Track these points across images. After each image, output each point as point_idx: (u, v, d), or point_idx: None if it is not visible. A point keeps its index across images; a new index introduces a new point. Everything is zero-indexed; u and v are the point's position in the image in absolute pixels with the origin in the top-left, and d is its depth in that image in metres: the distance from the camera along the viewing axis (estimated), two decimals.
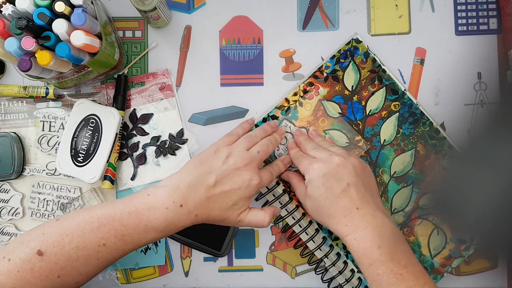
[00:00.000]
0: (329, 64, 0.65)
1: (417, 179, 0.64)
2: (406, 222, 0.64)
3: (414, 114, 0.65)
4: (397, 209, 0.64)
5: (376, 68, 0.65)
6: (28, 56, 0.52)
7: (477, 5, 0.67)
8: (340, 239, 0.55)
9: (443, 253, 0.64)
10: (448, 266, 0.64)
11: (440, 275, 0.64)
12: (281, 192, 0.64)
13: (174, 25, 0.67)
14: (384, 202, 0.64)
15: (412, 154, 0.65)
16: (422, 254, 0.64)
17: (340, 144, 0.65)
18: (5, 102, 0.66)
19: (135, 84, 0.67)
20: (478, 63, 0.67)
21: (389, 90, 0.65)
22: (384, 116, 0.65)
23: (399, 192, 0.64)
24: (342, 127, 0.65)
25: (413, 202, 0.64)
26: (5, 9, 0.52)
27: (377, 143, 0.65)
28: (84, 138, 0.64)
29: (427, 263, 0.64)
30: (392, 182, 0.64)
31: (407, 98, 0.65)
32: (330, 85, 0.65)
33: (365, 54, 0.65)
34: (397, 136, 0.65)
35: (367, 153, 0.65)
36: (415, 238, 0.64)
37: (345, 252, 0.63)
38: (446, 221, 0.65)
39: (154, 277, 0.67)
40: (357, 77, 0.65)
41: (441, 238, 0.64)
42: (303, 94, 0.65)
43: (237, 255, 0.67)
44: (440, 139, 0.64)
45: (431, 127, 0.65)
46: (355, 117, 0.65)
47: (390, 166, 0.64)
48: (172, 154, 0.66)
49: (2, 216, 0.65)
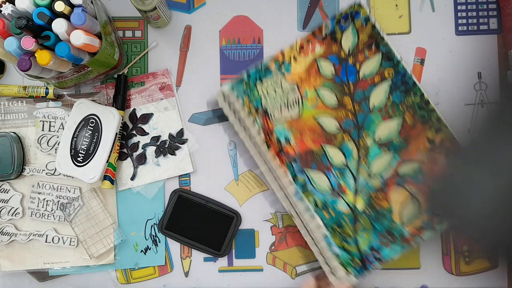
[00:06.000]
0: (329, 24, 0.65)
1: (400, 147, 0.64)
2: (382, 187, 0.64)
3: (407, 83, 0.65)
4: (375, 174, 0.64)
5: (375, 34, 0.65)
6: (28, 56, 0.52)
7: (477, 5, 0.67)
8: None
9: (415, 223, 0.63)
10: (418, 236, 0.63)
11: (409, 245, 0.63)
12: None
13: (174, 25, 0.67)
14: (362, 165, 0.64)
15: (399, 123, 0.64)
16: (393, 221, 0.63)
17: (329, 104, 0.64)
18: (5, 102, 0.66)
19: (135, 84, 0.67)
20: (478, 63, 0.67)
21: (385, 57, 0.65)
22: (377, 82, 0.65)
23: (380, 157, 0.64)
24: (333, 87, 0.65)
25: (393, 169, 0.64)
26: (5, 9, 0.52)
27: (366, 107, 0.65)
28: (84, 138, 0.63)
29: (396, 231, 0.63)
30: (375, 146, 0.64)
31: (402, 67, 0.65)
32: (327, 45, 0.65)
33: (366, 19, 0.65)
34: (387, 103, 0.65)
35: (354, 116, 0.64)
36: (388, 204, 0.64)
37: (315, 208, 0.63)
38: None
39: (154, 277, 0.67)
40: (355, 40, 0.65)
41: (415, 207, 0.64)
42: (299, 50, 0.65)
43: (237, 255, 0.67)
44: (429, 111, 0.64)
45: (422, 98, 0.64)
46: (348, 79, 0.65)
47: (375, 131, 0.64)
48: (172, 154, 0.66)
49: (2, 216, 0.65)
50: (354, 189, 0.63)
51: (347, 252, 0.62)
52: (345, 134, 0.64)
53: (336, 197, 0.63)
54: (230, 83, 0.63)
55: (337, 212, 0.63)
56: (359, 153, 0.64)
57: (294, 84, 0.64)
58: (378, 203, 0.63)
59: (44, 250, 0.66)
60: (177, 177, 0.66)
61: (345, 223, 0.63)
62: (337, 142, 0.64)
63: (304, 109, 0.64)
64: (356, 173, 0.64)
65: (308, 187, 0.63)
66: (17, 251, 0.66)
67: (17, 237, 0.65)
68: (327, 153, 0.64)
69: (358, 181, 0.63)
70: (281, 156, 0.63)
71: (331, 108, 0.64)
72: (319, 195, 0.63)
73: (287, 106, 0.64)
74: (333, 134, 0.64)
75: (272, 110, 0.64)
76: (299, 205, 0.62)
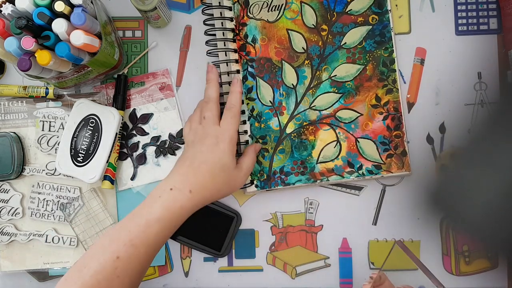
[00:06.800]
0: None
1: (349, 93, 0.65)
2: (316, 121, 0.65)
3: (384, 35, 0.64)
4: (316, 107, 0.65)
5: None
6: (28, 56, 0.52)
7: (477, 5, 0.67)
8: None
9: (329, 164, 0.65)
10: (325, 177, 0.65)
11: (314, 180, 0.65)
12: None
13: (174, 25, 0.67)
14: (309, 94, 0.64)
15: (359, 69, 0.65)
16: (311, 155, 0.65)
17: (307, 23, 0.64)
18: (5, 102, 0.66)
19: (135, 84, 0.67)
20: (478, 63, 0.67)
21: (376, 2, 0.64)
22: (358, 22, 0.64)
23: (327, 94, 0.65)
24: (318, 8, 0.64)
25: (333, 110, 0.65)
26: (5, 9, 0.52)
27: (338, 42, 0.65)
28: (84, 138, 0.63)
29: (309, 165, 0.65)
30: (327, 82, 0.65)
31: (387, 18, 0.64)
32: None
33: None
34: (357, 46, 0.65)
35: (323, 45, 0.64)
36: (314, 139, 0.65)
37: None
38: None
39: (154, 277, 0.67)
40: None
41: (335, 152, 0.65)
42: None
43: (237, 255, 0.67)
44: (390, 70, 0.64)
45: (390, 55, 0.64)
46: (335, 7, 0.64)
47: (334, 68, 0.65)
48: (172, 154, 0.66)
49: (2, 216, 0.65)
50: (291, 113, 0.65)
51: (259, 164, 0.65)
52: (308, 58, 0.65)
53: (272, 114, 0.65)
54: None
55: (267, 126, 0.65)
56: (311, 82, 0.65)
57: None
58: (306, 134, 0.65)
59: (44, 250, 0.66)
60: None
61: (270, 139, 0.65)
62: (296, 63, 0.65)
63: (282, 17, 0.65)
64: (300, 99, 0.65)
65: (252, 94, 0.65)
66: (17, 251, 0.66)
67: (17, 237, 0.65)
68: (283, 69, 0.65)
69: (298, 107, 0.65)
70: (242, 53, 0.65)
71: (306, 28, 0.65)
72: (258, 105, 0.65)
73: (269, 7, 0.65)
74: (297, 53, 0.65)
75: (253, 3, 0.64)
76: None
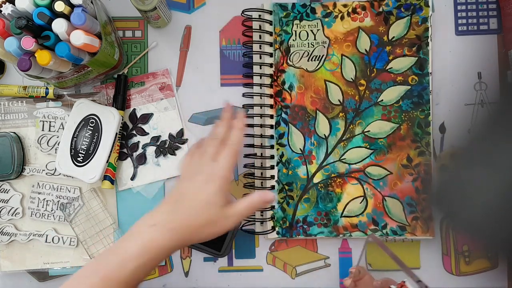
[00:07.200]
0: (391, 4, 0.65)
1: (380, 150, 0.65)
2: (344, 174, 0.65)
3: (422, 96, 0.65)
4: (345, 160, 0.65)
5: (423, 38, 0.65)
6: (28, 56, 0.52)
7: (477, 5, 0.67)
8: None
9: (353, 220, 0.65)
10: (348, 232, 0.65)
11: (336, 234, 0.65)
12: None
13: (174, 25, 0.67)
14: (340, 146, 0.65)
15: (393, 128, 0.65)
16: (335, 208, 0.65)
17: (345, 76, 0.65)
18: (5, 102, 0.66)
19: (135, 84, 0.67)
20: (478, 63, 0.67)
21: (418, 63, 0.65)
22: (398, 81, 0.65)
23: (358, 148, 0.65)
24: (358, 63, 0.65)
25: (362, 165, 0.65)
26: (5, 9, 0.52)
27: (374, 98, 0.65)
28: (84, 138, 0.63)
29: (333, 217, 0.65)
30: (360, 137, 0.65)
31: (427, 81, 0.65)
32: (377, 22, 0.65)
33: (424, 19, 0.65)
34: (393, 104, 0.65)
35: (359, 99, 0.65)
36: (340, 192, 0.65)
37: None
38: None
39: (154, 277, 0.67)
40: (403, 32, 0.65)
41: (361, 207, 0.65)
42: (351, 11, 0.65)
43: (237, 255, 0.67)
44: (425, 132, 0.65)
45: (426, 117, 0.65)
46: (376, 63, 0.65)
47: (368, 124, 0.65)
48: (172, 154, 0.66)
49: (2, 216, 0.65)
50: (320, 163, 0.65)
51: (282, 211, 0.65)
52: (343, 111, 0.65)
53: (301, 162, 0.65)
54: (275, 2, 0.65)
55: (294, 174, 0.65)
56: (344, 135, 0.65)
57: (327, 40, 0.65)
58: (333, 186, 0.65)
59: (44, 250, 0.66)
60: (177, 177, 0.66)
61: (296, 186, 0.65)
62: (330, 114, 0.65)
63: (322, 68, 0.65)
64: (330, 150, 0.65)
65: (284, 140, 0.65)
66: (17, 251, 0.66)
67: (17, 237, 0.65)
68: (317, 119, 0.65)
69: (328, 158, 0.65)
70: (277, 99, 0.65)
71: (345, 80, 0.65)
72: (288, 151, 0.65)
73: (309, 57, 0.65)
74: (332, 104, 0.65)
75: (294, 52, 0.65)
76: (268, 150, 0.65)
